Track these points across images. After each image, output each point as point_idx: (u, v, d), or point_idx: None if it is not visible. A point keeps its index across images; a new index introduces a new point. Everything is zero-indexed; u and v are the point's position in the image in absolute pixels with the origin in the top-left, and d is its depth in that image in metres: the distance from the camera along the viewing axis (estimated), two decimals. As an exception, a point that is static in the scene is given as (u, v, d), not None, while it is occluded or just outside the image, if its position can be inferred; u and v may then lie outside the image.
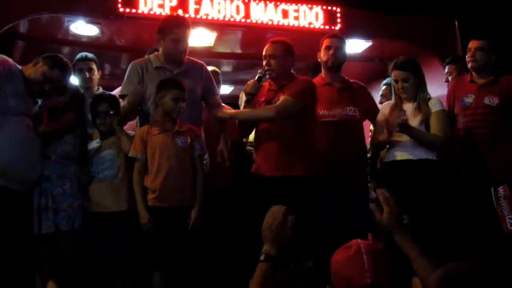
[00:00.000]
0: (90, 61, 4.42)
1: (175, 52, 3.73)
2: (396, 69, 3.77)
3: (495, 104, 3.77)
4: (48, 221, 3.35)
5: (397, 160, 3.67)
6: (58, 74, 3.35)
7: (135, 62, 3.81)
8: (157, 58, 3.79)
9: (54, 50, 5.50)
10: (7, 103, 3.20)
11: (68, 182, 3.45)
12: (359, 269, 1.92)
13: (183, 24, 3.76)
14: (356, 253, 1.99)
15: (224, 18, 5.13)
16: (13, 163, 3.17)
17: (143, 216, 3.36)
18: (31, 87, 3.32)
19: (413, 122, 3.64)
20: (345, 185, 3.78)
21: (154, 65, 3.74)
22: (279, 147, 3.60)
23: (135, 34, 5.33)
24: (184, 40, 3.73)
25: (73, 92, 3.63)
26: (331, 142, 3.83)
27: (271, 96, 3.73)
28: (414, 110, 3.69)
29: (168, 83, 3.54)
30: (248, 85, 3.76)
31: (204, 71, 3.92)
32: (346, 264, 1.97)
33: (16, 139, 3.20)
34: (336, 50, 4.01)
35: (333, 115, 3.91)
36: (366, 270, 1.91)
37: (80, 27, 5.16)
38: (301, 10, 5.34)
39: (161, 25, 3.78)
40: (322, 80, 4.09)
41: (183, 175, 3.46)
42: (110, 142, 3.65)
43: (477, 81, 3.91)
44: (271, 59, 3.72)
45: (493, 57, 3.87)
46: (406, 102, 3.77)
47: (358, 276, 1.90)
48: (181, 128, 3.54)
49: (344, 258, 1.99)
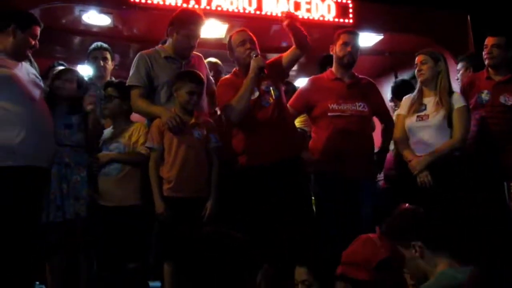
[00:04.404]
0: (105, 50, 4.48)
1: (187, 47, 3.75)
2: (418, 54, 3.86)
3: (510, 104, 3.76)
4: (69, 207, 3.39)
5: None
6: (36, 29, 3.36)
7: (143, 52, 3.81)
8: (165, 49, 3.80)
9: (66, 39, 5.56)
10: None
11: (84, 170, 3.51)
12: (373, 249, 1.97)
13: (199, 21, 3.77)
14: (367, 239, 2.03)
15: (237, 10, 5.14)
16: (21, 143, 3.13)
17: (159, 206, 3.38)
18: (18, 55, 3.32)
19: (436, 118, 3.66)
20: (353, 179, 3.78)
21: (163, 55, 3.75)
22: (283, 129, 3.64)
23: (147, 24, 5.33)
24: (197, 37, 3.75)
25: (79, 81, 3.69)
26: (339, 137, 3.83)
27: (257, 84, 3.66)
28: (435, 105, 3.70)
29: (185, 76, 3.56)
30: (259, 59, 3.59)
31: (203, 61, 4.00)
32: (358, 251, 2.01)
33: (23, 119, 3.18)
34: (353, 47, 3.99)
35: (342, 110, 3.89)
36: (379, 247, 1.96)
37: (92, 17, 5.18)
38: (313, 3, 5.36)
39: (176, 18, 3.77)
40: (332, 74, 4.08)
41: (199, 167, 3.48)
42: (119, 134, 3.70)
43: (494, 78, 3.91)
44: (253, 44, 3.70)
45: (510, 54, 3.87)
46: (427, 95, 3.77)
47: (373, 254, 1.94)
48: (198, 120, 3.56)
49: (356, 246, 2.03)
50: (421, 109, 3.71)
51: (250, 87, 3.57)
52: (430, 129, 3.67)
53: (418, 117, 3.70)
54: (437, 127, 3.66)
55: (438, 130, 3.66)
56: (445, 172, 3.57)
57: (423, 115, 3.70)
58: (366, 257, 1.99)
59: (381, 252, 1.98)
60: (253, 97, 3.63)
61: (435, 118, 3.64)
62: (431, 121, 3.66)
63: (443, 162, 3.60)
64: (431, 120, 3.66)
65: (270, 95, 3.64)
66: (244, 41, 3.70)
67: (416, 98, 3.79)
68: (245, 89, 3.56)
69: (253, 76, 3.56)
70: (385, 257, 1.96)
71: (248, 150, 3.65)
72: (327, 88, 3.94)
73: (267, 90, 3.67)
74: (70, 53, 5.72)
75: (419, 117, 3.70)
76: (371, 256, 1.98)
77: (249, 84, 3.57)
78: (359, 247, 2.06)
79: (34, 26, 3.36)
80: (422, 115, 3.70)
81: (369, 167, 3.90)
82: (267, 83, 3.68)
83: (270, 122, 3.62)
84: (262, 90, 3.67)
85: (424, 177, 3.55)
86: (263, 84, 3.68)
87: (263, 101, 3.66)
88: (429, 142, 3.65)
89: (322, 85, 4.01)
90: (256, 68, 3.56)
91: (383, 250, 1.99)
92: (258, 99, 3.66)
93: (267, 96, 3.66)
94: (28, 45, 3.33)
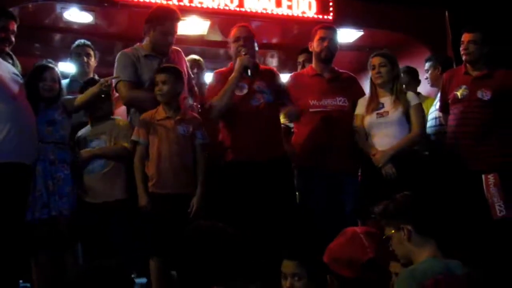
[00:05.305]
0: (87, 47, 4.49)
1: (164, 43, 3.77)
2: (374, 56, 3.92)
3: (487, 99, 3.84)
4: (55, 204, 3.38)
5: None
6: (5, 21, 3.39)
7: (125, 51, 3.82)
8: (143, 47, 3.81)
9: (47, 37, 5.52)
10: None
11: (68, 167, 3.50)
12: (359, 248, 1.99)
13: (174, 17, 3.80)
14: (353, 235, 2.06)
15: (218, 7, 5.14)
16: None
17: (142, 199, 3.39)
18: None
19: (395, 114, 3.77)
20: (334, 173, 3.86)
21: (143, 54, 3.75)
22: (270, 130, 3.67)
23: (129, 22, 5.31)
24: (173, 33, 3.78)
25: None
26: (321, 132, 3.90)
27: (248, 81, 3.71)
28: (393, 102, 3.80)
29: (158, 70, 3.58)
30: (244, 58, 3.64)
31: (182, 55, 4.02)
32: (345, 247, 2.04)
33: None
34: (330, 41, 4.05)
35: (323, 105, 3.96)
36: (366, 246, 1.99)
37: (74, 14, 5.14)
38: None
39: (152, 16, 3.79)
40: (313, 70, 4.14)
41: (183, 163, 3.49)
42: (99, 130, 3.68)
43: (471, 73, 3.97)
44: (247, 41, 3.73)
45: (485, 49, 3.93)
46: (382, 96, 3.86)
47: (359, 254, 1.97)
48: (184, 116, 3.57)
49: (342, 242, 2.06)
50: (379, 107, 3.82)
51: (232, 86, 3.60)
52: (391, 124, 3.78)
53: (378, 114, 3.80)
54: (397, 122, 3.78)
55: (398, 125, 3.78)
56: (408, 165, 3.68)
57: (382, 112, 3.80)
58: (352, 255, 2.02)
59: (367, 253, 2.01)
60: (240, 93, 3.67)
61: (394, 114, 3.77)
62: (391, 117, 3.78)
63: (405, 155, 3.72)
64: (391, 116, 3.77)
65: (262, 96, 3.68)
66: (238, 38, 3.74)
67: (372, 98, 3.89)
68: (226, 87, 3.60)
69: (237, 75, 3.60)
70: (371, 257, 1.99)
71: (232, 145, 3.68)
72: (308, 85, 4.00)
73: (259, 90, 3.69)
74: (52, 50, 5.67)
75: (379, 114, 3.80)
76: (358, 255, 2.01)
77: (231, 83, 3.60)
78: (346, 244, 2.10)
79: (2, 18, 3.37)
80: (382, 112, 3.80)
81: (351, 161, 3.95)
82: (263, 85, 3.71)
83: (257, 121, 3.63)
84: (253, 89, 3.69)
85: (389, 169, 3.66)
86: (256, 83, 3.70)
87: (253, 99, 3.67)
88: (391, 136, 3.76)
89: (303, 82, 4.07)
90: (240, 66, 3.61)
91: (369, 250, 2.02)
92: (246, 96, 3.67)
93: (258, 95, 3.68)
94: None
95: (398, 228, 2.18)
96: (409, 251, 2.16)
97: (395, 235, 2.18)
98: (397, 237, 2.18)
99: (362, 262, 1.99)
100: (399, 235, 2.17)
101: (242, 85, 3.67)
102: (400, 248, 2.18)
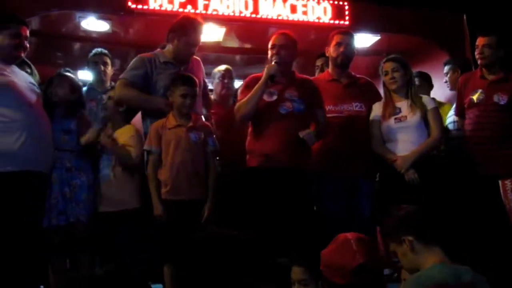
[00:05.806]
0: (105, 56, 4.56)
1: (187, 53, 3.81)
2: (386, 61, 3.89)
3: (504, 103, 3.80)
4: (72, 211, 3.43)
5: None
6: (17, 27, 3.37)
7: (142, 55, 3.85)
8: (164, 53, 3.83)
9: (65, 46, 5.61)
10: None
11: (84, 174, 3.55)
12: (349, 253, 2.00)
13: (200, 28, 3.83)
14: (344, 241, 2.06)
15: (234, 13, 5.16)
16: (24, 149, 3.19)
17: (157, 208, 3.42)
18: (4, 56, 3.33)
19: (414, 118, 3.73)
20: (351, 178, 3.84)
21: (162, 60, 3.78)
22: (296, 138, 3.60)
23: (145, 30, 5.37)
24: (197, 44, 3.82)
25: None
26: (337, 138, 3.88)
27: (280, 88, 3.71)
28: (409, 107, 3.77)
29: (178, 80, 3.61)
30: (271, 66, 3.66)
31: (201, 65, 4.04)
32: (335, 253, 2.04)
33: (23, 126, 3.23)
34: (346, 47, 4.04)
35: (339, 111, 3.95)
36: (356, 252, 1.99)
37: (91, 23, 5.21)
38: (309, 5, 5.35)
39: (178, 25, 3.81)
40: (329, 75, 4.14)
41: (196, 170, 3.52)
42: None
43: (487, 77, 3.93)
44: (282, 49, 3.73)
45: (501, 53, 3.90)
46: (398, 101, 3.83)
47: (349, 260, 1.97)
48: (195, 123, 3.59)
49: (332, 248, 2.06)
50: (396, 112, 3.78)
51: (258, 93, 3.61)
52: (410, 129, 3.74)
53: (396, 119, 3.77)
54: (416, 126, 3.74)
55: (417, 129, 3.74)
56: (430, 170, 3.64)
57: (400, 117, 3.76)
58: (341, 262, 2.02)
59: (356, 258, 2.01)
60: (269, 99, 3.67)
61: (413, 119, 3.73)
62: (410, 121, 3.74)
63: (427, 160, 3.67)
64: (410, 121, 3.74)
65: (292, 104, 3.66)
66: (273, 45, 3.76)
67: (388, 103, 3.86)
68: (252, 94, 3.63)
69: (263, 82, 3.61)
70: (360, 263, 1.99)
71: (256, 150, 3.68)
72: (324, 90, 3.98)
73: (289, 98, 3.68)
74: (70, 59, 5.76)
75: (397, 119, 3.76)
76: (346, 261, 2.01)
77: (258, 89, 3.62)
78: (337, 250, 2.10)
79: (13, 25, 3.36)
80: (400, 117, 3.77)
81: (368, 166, 3.93)
82: (294, 94, 3.69)
83: (283, 128, 3.61)
84: (284, 97, 3.68)
85: (412, 175, 3.61)
86: (287, 91, 3.70)
87: (282, 107, 3.66)
88: (411, 140, 3.72)
89: (320, 87, 4.06)
90: (266, 74, 3.62)
91: (358, 255, 2.01)
92: (275, 102, 3.67)
93: (287, 103, 3.66)
94: (11, 44, 3.33)
95: (399, 241, 2.17)
96: (415, 260, 2.15)
97: (399, 248, 2.18)
98: (401, 250, 2.17)
99: (351, 268, 1.98)
100: (402, 248, 2.17)
101: (272, 91, 3.67)
102: (405, 260, 2.17)
